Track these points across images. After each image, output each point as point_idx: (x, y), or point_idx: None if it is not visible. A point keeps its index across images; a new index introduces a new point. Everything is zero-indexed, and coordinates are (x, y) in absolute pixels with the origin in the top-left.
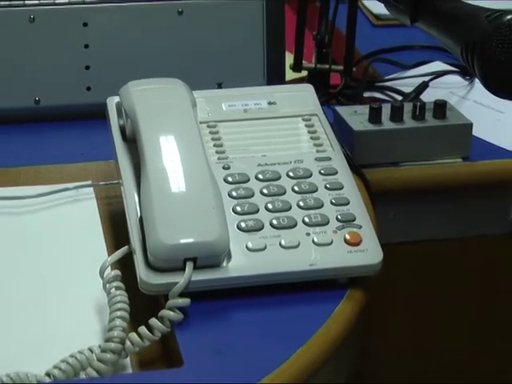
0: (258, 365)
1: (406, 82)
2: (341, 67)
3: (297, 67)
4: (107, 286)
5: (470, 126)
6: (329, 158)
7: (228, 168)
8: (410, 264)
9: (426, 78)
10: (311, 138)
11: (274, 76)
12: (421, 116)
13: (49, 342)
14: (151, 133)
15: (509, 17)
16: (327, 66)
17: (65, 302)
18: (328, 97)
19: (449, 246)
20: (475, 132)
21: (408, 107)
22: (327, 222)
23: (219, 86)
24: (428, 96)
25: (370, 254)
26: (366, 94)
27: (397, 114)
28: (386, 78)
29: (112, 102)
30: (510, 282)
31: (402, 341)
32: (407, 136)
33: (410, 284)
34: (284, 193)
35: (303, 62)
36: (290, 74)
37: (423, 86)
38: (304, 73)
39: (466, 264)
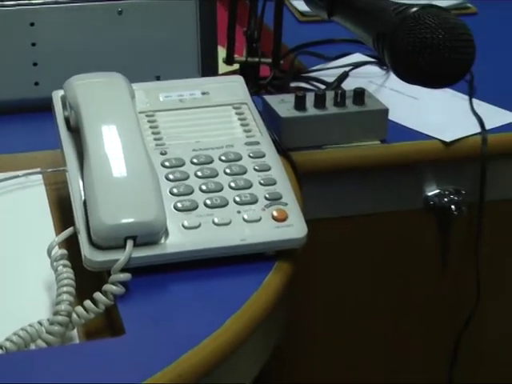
0: (193, 332)
1: (329, 72)
2: (269, 60)
3: (229, 60)
4: (54, 264)
5: (386, 111)
6: (257, 143)
7: (165, 153)
8: (334, 237)
9: (347, 69)
10: (241, 124)
11: (208, 69)
12: (342, 103)
13: (1, 317)
14: (92, 122)
15: (414, 9)
16: (257, 59)
17: (15, 279)
18: (258, 87)
19: (369, 221)
20: (391, 117)
21: (330, 95)
22: (256, 201)
23: (158, 79)
24: (349, 85)
25: (295, 228)
26: (293, 84)
27: (320, 102)
28: (311, 69)
29: (57, 95)
30: (424, 252)
31: (325, 312)
32: (330, 121)
33: (335, 256)
34: (216, 175)
35: (235, 55)
36: (223, 67)
37: (344, 76)
38: (236, 66)
39: (385, 236)
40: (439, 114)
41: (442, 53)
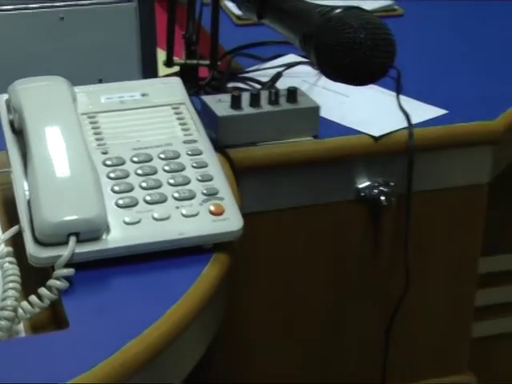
0: (135, 323)
1: (264, 72)
2: (207, 62)
3: (169, 63)
4: (0, 261)
5: (317, 108)
6: (195, 141)
7: (106, 153)
8: (271, 230)
9: (281, 69)
10: (180, 123)
11: (149, 71)
12: (276, 101)
13: None
14: (35, 124)
15: (337, 11)
16: (195, 62)
17: None
18: (197, 88)
19: (304, 213)
20: (323, 113)
21: (265, 94)
22: (194, 196)
23: (100, 82)
24: (283, 84)
25: (231, 222)
26: (230, 85)
27: (255, 101)
28: (247, 70)
29: (2, 99)
30: (358, 241)
31: (263, 302)
32: (264, 119)
33: (272, 247)
34: (156, 172)
35: (175, 58)
36: (164, 70)
37: (278, 76)
38: (176, 68)
39: (320, 227)
40: (368, 111)
41: (363, 51)
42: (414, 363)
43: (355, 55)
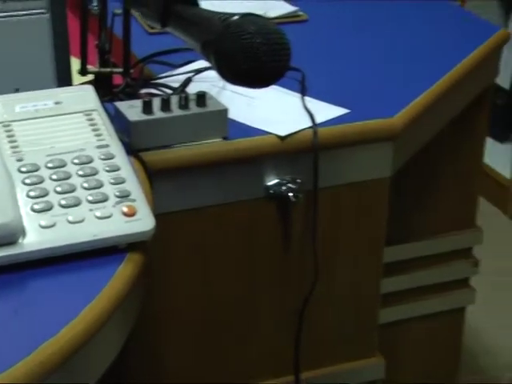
0: (50, 323)
1: (175, 78)
2: (121, 70)
3: (83, 72)
4: None
5: (225, 111)
6: (107, 146)
7: (21, 160)
8: (188, 228)
9: (191, 75)
10: (92, 129)
11: (63, 80)
12: (186, 105)
13: None
14: None
15: (235, 18)
16: (109, 70)
17: None
18: (112, 95)
19: (219, 210)
20: (232, 116)
21: (175, 99)
22: (107, 199)
23: (17, 91)
24: (193, 89)
25: (143, 222)
26: (143, 91)
27: (166, 105)
28: (159, 76)
29: None
30: (269, 236)
31: (181, 297)
32: (175, 123)
33: (189, 245)
34: (70, 177)
35: (89, 66)
36: (79, 78)
37: (188, 81)
38: (91, 76)
39: (234, 224)
40: (274, 112)
41: (259, 56)
42: (327, 348)
43: (252, 60)
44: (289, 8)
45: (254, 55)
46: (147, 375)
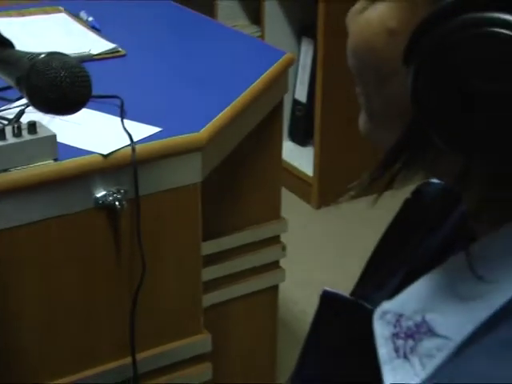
0: None
1: (11, 111)
2: None
3: None
4: None
5: (54, 136)
6: None
7: None
8: (28, 240)
9: (24, 107)
10: None
11: None
12: (19, 134)
13: None
14: None
15: (42, 56)
16: None
17: None
18: None
19: (56, 222)
20: (61, 140)
21: (9, 129)
22: None
23: None
24: (26, 119)
25: None
26: None
27: (1, 135)
28: None
29: None
30: (102, 240)
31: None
32: (10, 149)
33: (34, 255)
34: None
35: None
36: None
37: (21, 113)
38: None
39: (70, 233)
40: (98, 134)
41: (63, 88)
42: (159, 330)
43: (58, 91)
44: (110, 45)
45: (58, 87)
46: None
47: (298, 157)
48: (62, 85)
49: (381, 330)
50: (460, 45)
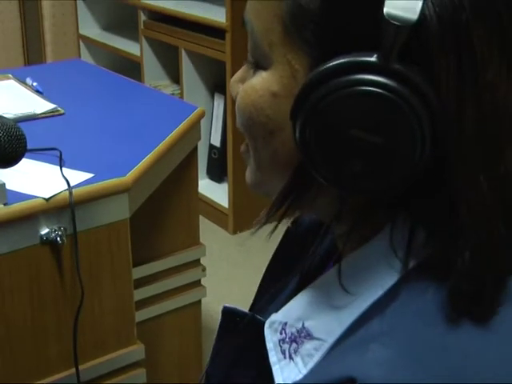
0: None
1: None
2: None
3: None
4: None
5: (3, 184)
6: None
7: None
8: None
9: None
10: None
11: None
12: None
13: None
14: None
15: None
16: None
17: None
18: None
19: (7, 258)
20: (10, 187)
21: None
22: None
23: None
24: None
25: None
26: None
27: None
28: None
29: None
30: (48, 272)
31: None
32: None
33: None
34: None
35: None
36: None
37: None
38: None
39: (20, 267)
40: (41, 180)
41: (2, 145)
42: (99, 343)
43: None
44: (51, 105)
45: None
46: None
47: (215, 191)
48: (0, 143)
49: (270, 337)
50: (335, 102)
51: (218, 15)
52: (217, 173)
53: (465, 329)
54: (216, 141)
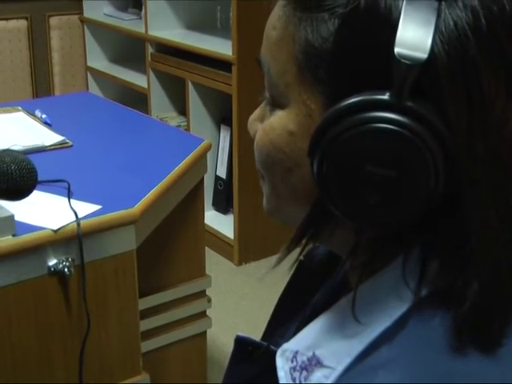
0: None
1: None
2: None
3: None
4: None
5: (12, 216)
6: None
7: None
8: None
9: None
10: None
11: None
12: None
13: None
14: None
15: None
16: None
17: None
18: None
19: (14, 288)
20: (19, 218)
21: None
22: None
23: None
24: None
25: None
26: None
27: None
28: None
29: None
30: (56, 301)
31: None
32: None
33: None
34: None
35: None
36: None
37: None
38: None
39: (27, 297)
40: (49, 212)
41: (14, 178)
42: (104, 372)
43: (9, 181)
44: (59, 137)
45: (9, 178)
46: None
47: (221, 223)
48: (12, 176)
49: (281, 365)
50: (351, 140)
51: (224, 48)
52: (222, 204)
53: (470, 357)
54: (222, 172)
